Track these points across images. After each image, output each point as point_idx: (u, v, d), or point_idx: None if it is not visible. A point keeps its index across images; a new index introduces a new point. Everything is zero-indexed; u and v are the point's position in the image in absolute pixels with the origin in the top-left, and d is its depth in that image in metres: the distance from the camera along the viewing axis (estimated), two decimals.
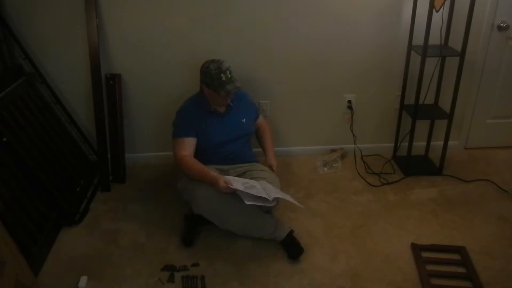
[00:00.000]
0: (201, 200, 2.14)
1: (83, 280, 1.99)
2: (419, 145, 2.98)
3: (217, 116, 2.29)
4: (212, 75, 2.15)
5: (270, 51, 2.69)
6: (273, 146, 2.50)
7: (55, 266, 2.10)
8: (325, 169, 2.88)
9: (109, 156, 2.73)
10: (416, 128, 2.75)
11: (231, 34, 2.62)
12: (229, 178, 2.12)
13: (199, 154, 2.30)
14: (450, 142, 2.81)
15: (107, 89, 2.66)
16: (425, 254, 2.14)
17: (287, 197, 2.11)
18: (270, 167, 2.36)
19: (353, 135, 2.98)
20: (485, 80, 2.89)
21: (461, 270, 2.06)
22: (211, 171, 2.16)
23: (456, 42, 2.62)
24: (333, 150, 3.04)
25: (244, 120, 2.37)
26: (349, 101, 2.89)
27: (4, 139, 2.07)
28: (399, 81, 2.82)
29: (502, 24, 2.70)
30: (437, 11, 2.41)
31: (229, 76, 2.17)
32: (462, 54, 2.50)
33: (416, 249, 2.16)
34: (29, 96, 2.43)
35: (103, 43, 2.57)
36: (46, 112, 2.55)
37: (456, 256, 2.14)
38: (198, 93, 2.33)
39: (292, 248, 2.16)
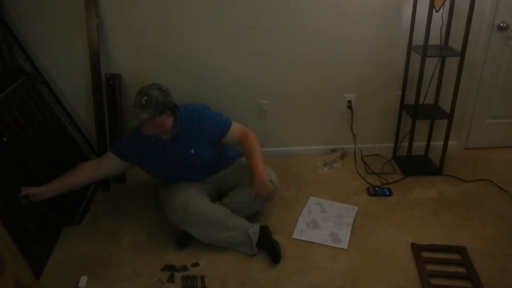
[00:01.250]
0: (170, 215, 2.18)
1: (83, 280, 1.99)
2: (419, 145, 2.98)
3: (159, 146, 2.14)
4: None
5: (270, 51, 2.69)
6: (260, 160, 2.16)
7: (55, 266, 2.10)
8: (325, 169, 2.88)
9: None
10: (416, 128, 2.76)
11: (232, 34, 2.62)
12: None
13: (163, 178, 2.30)
14: (450, 142, 2.81)
15: (107, 89, 2.66)
16: (425, 254, 2.14)
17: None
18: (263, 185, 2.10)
19: (353, 135, 2.98)
20: (485, 80, 2.89)
21: (461, 270, 2.06)
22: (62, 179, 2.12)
23: (456, 42, 2.62)
24: (333, 150, 3.04)
25: (192, 151, 2.16)
26: (349, 101, 2.89)
27: (4, 139, 2.07)
28: (399, 81, 2.82)
29: (502, 24, 2.70)
30: (437, 11, 2.41)
31: (142, 101, 1.96)
32: (462, 54, 2.50)
33: (416, 249, 2.16)
34: (29, 96, 2.42)
35: (103, 43, 2.57)
36: (46, 112, 2.55)
37: (456, 256, 2.14)
38: None
39: (270, 252, 2.11)
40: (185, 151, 2.16)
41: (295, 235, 2.28)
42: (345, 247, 2.19)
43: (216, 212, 2.15)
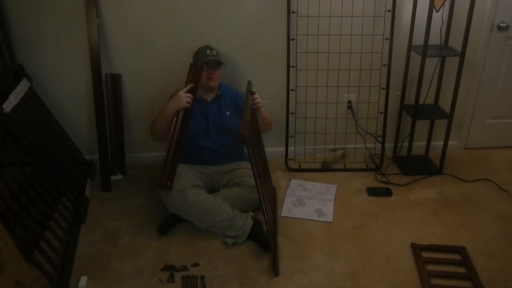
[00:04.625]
0: (171, 202, 2.25)
1: (83, 280, 2.00)
2: (419, 145, 2.98)
3: (202, 104, 2.40)
4: (199, 51, 2.37)
5: (270, 50, 2.69)
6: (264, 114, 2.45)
7: None
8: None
9: (109, 156, 2.73)
10: (416, 128, 2.76)
11: (233, 33, 2.62)
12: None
13: (191, 141, 2.35)
14: (450, 142, 2.81)
15: (107, 89, 2.66)
16: (425, 254, 2.14)
17: None
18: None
19: (354, 135, 2.98)
20: (485, 80, 2.89)
21: (461, 270, 2.06)
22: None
23: (456, 42, 2.62)
24: (333, 150, 3.04)
25: (228, 113, 2.43)
26: (349, 101, 2.89)
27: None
28: (399, 81, 2.82)
29: (502, 24, 2.70)
30: (437, 11, 2.42)
31: (214, 53, 2.36)
32: (462, 54, 2.50)
33: (416, 249, 2.16)
34: (28, 96, 2.42)
35: (103, 43, 2.57)
36: (46, 113, 2.55)
37: (456, 256, 2.14)
38: None
39: (258, 241, 2.20)
40: (222, 112, 2.42)
41: (283, 213, 2.46)
42: (330, 220, 2.39)
43: (210, 200, 2.25)
